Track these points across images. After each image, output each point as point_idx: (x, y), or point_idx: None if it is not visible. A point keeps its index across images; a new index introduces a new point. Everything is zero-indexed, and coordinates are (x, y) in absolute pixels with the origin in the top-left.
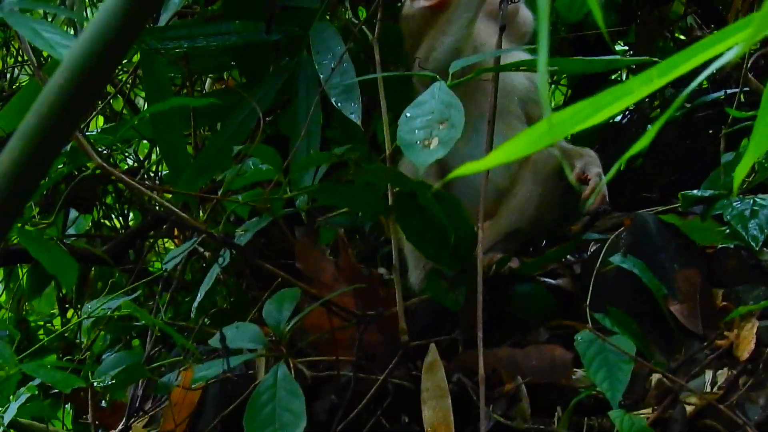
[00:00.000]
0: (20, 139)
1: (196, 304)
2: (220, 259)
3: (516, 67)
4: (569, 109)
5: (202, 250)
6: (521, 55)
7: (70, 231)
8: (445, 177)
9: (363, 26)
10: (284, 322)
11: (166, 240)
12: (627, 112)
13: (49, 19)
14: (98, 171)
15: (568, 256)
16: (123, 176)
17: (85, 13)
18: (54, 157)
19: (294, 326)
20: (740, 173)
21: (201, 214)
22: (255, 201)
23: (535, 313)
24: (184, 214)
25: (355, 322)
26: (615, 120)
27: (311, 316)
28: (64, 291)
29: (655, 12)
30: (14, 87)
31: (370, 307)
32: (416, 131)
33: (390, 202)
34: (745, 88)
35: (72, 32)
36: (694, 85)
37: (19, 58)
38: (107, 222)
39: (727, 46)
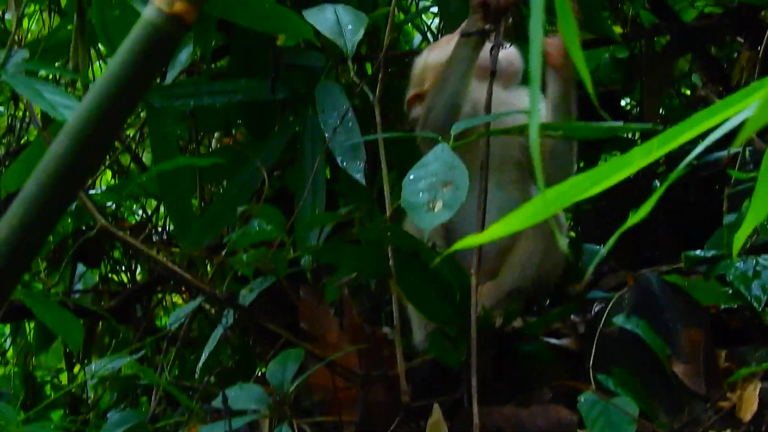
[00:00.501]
0: (20, 206)
1: (200, 364)
2: (224, 320)
3: (518, 131)
4: (568, 182)
5: (207, 307)
6: (523, 99)
7: (78, 285)
8: (446, 230)
9: (365, 86)
10: (288, 382)
11: (173, 294)
12: None
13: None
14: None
15: (572, 316)
16: (126, 237)
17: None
18: (54, 224)
19: (298, 386)
20: (741, 237)
21: (209, 268)
22: (259, 261)
23: (539, 372)
24: (187, 275)
25: (359, 383)
26: None
27: (315, 376)
28: None
29: (660, 69)
30: (22, 142)
31: (375, 367)
32: (420, 194)
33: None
34: (749, 147)
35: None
36: (689, 159)
37: (28, 113)
38: (114, 276)
39: (728, 116)
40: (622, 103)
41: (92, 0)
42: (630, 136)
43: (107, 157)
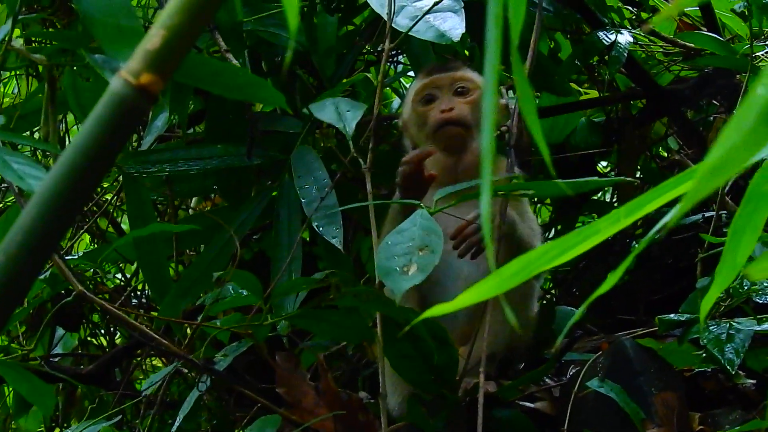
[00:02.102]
0: None
1: (174, 429)
2: (200, 384)
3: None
4: (538, 251)
5: (186, 370)
6: None
7: (57, 349)
8: (422, 300)
9: (355, 153)
10: None
11: (153, 358)
12: None
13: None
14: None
15: (548, 380)
16: (103, 302)
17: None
18: (24, 295)
19: None
20: (708, 301)
21: (188, 332)
22: (236, 327)
23: None
24: (163, 340)
25: None
26: None
27: None
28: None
29: (636, 133)
30: (0, 206)
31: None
32: (396, 258)
33: (378, 328)
34: (723, 211)
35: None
36: (658, 226)
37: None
38: (94, 340)
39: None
40: (601, 166)
41: (64, 69)
42: (609, 199)
43: (86, 221)
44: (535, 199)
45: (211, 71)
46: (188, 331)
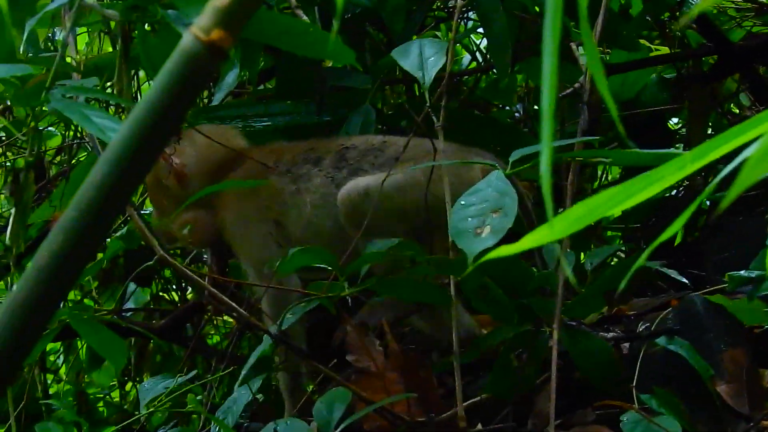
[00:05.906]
0: (60, 233)
1: (238, 384)
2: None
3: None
4: (602, 195)
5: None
6: None
7: (129, 304)
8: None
9: (429, 110)
10: (333, 423)
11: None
12: (681, 187)
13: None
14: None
15: (618, 333)
16: (176, 264)
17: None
18: (95, 250)
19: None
20: None
21: None
22: (316, 294)
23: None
24: (231, 302)
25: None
26: (670, 194)
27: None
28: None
29: (707, 89)
30: (73, 162)
31: (426, 404)
32: (469, 219)
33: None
34: None
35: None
36: (724, 173)
37: (80, 133)
38: (166, 295)
39: (763, 131)
40: (671, 123)
41: (136, 26)
42: None
43: None
44: None
45: (280, 28)
46: None
